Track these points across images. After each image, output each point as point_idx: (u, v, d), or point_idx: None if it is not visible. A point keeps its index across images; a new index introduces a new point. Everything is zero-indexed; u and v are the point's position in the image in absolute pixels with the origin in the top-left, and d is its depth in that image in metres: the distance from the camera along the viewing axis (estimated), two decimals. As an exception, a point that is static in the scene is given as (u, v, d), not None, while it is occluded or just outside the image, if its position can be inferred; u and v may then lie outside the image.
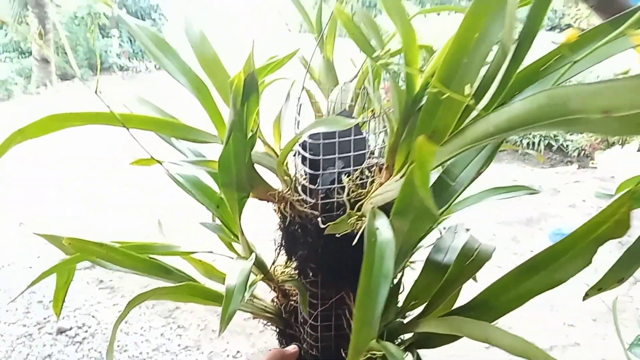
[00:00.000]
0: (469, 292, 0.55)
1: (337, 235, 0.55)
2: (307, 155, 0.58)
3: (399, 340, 0.61)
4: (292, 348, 0.66)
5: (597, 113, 0.27)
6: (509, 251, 3.76)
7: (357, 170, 0.58)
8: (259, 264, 0.66)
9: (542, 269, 0.44)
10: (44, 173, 4.70)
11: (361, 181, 0.58)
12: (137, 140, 0.51)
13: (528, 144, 6.11)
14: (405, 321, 0.60)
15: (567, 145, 5.96)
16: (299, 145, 0.59)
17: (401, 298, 0.63)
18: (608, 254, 0.49)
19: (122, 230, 3.60)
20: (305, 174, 0.60)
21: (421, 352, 0.60)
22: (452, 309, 0.52)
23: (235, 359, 2.46)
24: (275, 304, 0.72)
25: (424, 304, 0.57)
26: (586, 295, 0.97)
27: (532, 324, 2.84)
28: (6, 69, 7.27)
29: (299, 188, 0.61)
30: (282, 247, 0.66)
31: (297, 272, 0.66)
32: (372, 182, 0.57)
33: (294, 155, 0.62)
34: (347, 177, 0.58)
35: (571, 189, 4.57)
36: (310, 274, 0.63)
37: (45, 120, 0.48)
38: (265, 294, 0.75)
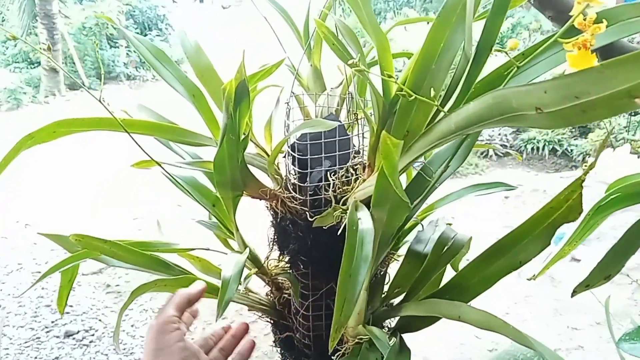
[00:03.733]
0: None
1: (324, 228, 0.60)
2: (296, 155, 0.62)
3: (385, 325, 0.65)
4: (199, 284, 0.62)
5: (531, 110, 0.31)
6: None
7: (342, 168, 0.62)
8: (254, 259, 0.71)
9: (507, 252, 0.48)
10: (52, 178, 4.78)
11: (346, 179, 0.62)
12: (137, 144, 0.55)
13: (532, 149, 6.12)
14: (389, 308, 0.64)
15: (571, 150, 5.96)
16: (289, 146, 0.64)
17: (387, 287, 0.67)
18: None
19: (125, 230, 3.69)
20: (295, 173, 0.64)
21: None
22: (430, 293, 0.56)
23: (239, 362, 2.49)
24: (269, 297, 0.76)
25: (406, 291, 0.61)
26: (574, 292, 1.01)
27: (536, 327, 2.86)
28: (15, 78, 7.38)
29: (290, 186, 0.65)
30: (274, 242, 0.70)
31: (289, 265, 0.70)
32: (357, 179, 0.61)
33: (284, 156, 0.66)
34: (334, 175, 0.62)
35: (575, 193, 4.57)
36: (301, 267, 0.67)
37: (52, 125, 0.53)
38: (259, 288, 0.79)
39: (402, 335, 0.62)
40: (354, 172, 0.62)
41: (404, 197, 0.39)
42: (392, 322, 0.66)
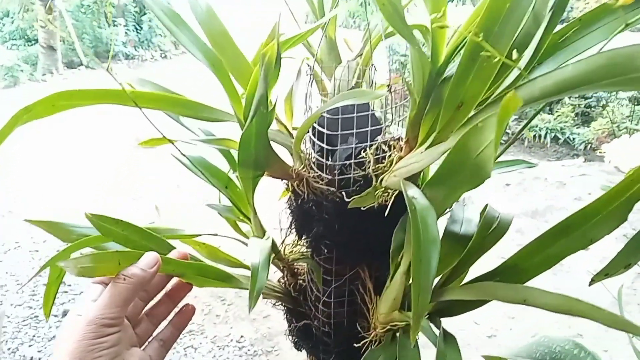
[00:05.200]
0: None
1: (351, 210, 0.55)
2: (323, 130, 0.57)
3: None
4: (150, 257, 0.49)
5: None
6: (514, 242, 3.75)
7: (372, 145, 0.57)
8: (271, 244, 0.66)
9: (575, 230, 0.44)
10: (50, 157, 4.72)
11: (377, 156, 0.57)
12: (147, 118, 0.50)
13: (534, 136, 6.08)
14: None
15: (573, 139, 5.93)
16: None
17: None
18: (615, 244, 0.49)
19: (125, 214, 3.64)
20: (323, 151, 0.59)
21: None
22: (478, 275, 0.52)
23: (239, 344, 2.47)
24: (282, 283, 0.72)
25: (442, 274, 0.57)
26: (592, 281, 0.96)
27: (534, 314, 2.84)
28: (12, 56, 7.28)
29: (314, 165, 0.60)
30: (293, 226, 0.66)
31: (309, 250, 0.66)
32: (390, 156, 0.56)
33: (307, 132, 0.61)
34: (364, 152, 0.57)
35: (577, 182, 4.55)
36: (325, 251, 0.63)
37: (52, 97, 0.47)
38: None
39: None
40: (387, 148, 0.57)
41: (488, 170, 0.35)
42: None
